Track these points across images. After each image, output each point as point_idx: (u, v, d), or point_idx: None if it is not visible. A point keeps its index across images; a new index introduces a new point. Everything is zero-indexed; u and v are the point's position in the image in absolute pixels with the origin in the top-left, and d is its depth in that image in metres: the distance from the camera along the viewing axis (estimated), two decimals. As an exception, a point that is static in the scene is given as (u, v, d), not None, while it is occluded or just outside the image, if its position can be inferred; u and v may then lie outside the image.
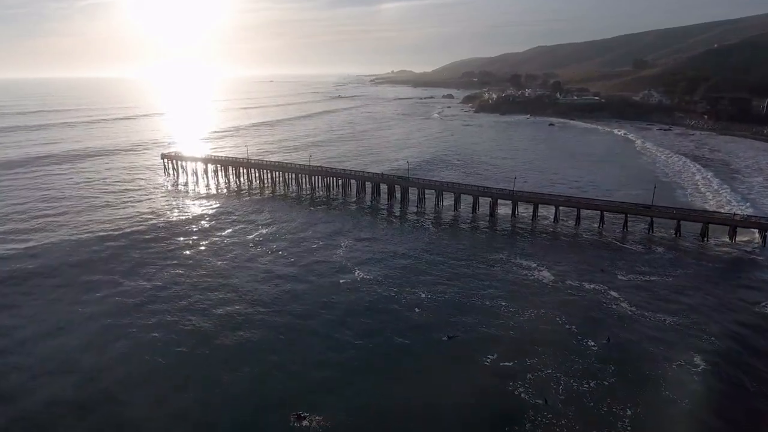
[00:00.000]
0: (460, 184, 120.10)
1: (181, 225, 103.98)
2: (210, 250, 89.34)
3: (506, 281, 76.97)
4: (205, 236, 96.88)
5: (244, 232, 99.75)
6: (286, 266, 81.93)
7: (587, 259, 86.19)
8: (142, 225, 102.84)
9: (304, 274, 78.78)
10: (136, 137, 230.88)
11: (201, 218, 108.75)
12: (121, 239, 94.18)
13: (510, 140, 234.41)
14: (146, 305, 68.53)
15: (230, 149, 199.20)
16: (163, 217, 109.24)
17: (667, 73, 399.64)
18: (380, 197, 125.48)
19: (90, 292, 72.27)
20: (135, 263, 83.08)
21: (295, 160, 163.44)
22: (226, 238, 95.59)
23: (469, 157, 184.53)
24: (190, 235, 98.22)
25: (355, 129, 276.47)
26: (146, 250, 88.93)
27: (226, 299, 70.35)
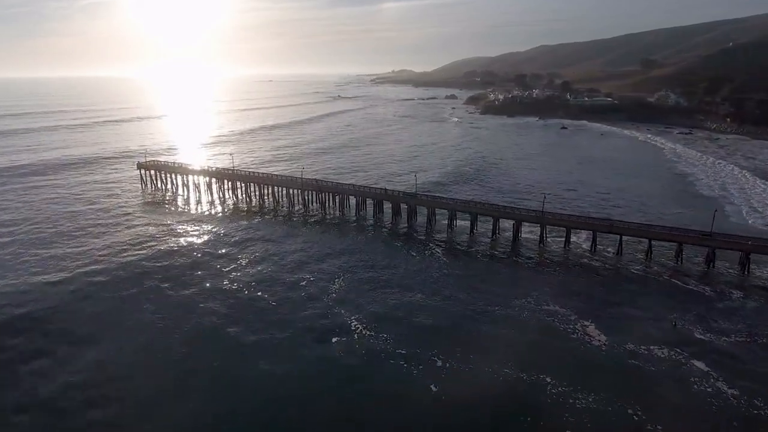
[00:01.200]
0: (476, 202, 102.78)
1: (139, 259, 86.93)
2: (162, 301, 71.90)
3: (541, 345, 59.68)
4: (161, 275, 79.17)
5: (217, 266, 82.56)
6: (261, 325, 63.40)
7: (644, 305, 69.12)
8: (94, 265, 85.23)
9: (285, 341, 59.71)
10: (121, 143, 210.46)
11: (166, 247, 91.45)
12: (69, 285, 77.09)
13: (522, 145, 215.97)
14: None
15: (222, 157, 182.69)
16: (123, 248, 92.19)
17: (682, 72, 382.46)
18: (383, 216, 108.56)
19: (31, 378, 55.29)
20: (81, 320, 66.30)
21: (290, 172, 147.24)
22: (192, 280, 76.95)
23: (481, 166, 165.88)
24: (141, 275, 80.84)
25: (357, 135, 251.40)
26: (92, 305, 72.10)
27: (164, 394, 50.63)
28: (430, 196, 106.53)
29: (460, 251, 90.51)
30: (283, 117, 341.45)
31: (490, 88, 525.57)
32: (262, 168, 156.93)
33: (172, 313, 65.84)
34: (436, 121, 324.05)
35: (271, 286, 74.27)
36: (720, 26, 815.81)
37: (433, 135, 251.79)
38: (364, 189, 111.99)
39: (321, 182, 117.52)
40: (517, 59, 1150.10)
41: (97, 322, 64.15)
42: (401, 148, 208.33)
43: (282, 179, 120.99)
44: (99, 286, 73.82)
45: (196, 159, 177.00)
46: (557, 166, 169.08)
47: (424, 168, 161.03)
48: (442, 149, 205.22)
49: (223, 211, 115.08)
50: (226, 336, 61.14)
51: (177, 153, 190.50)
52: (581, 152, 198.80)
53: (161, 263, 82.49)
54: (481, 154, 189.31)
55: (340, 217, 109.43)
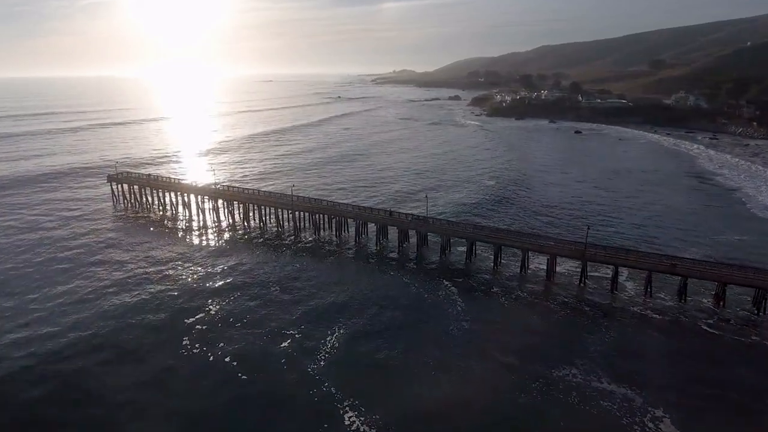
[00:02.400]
0: (500, 230, 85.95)
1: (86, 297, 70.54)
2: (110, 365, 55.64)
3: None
4: (117, 322, 63.08)
5: (182, 310, 66.23)
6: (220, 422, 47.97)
7: (728, 378, 52.65)
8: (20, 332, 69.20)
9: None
10: (105, 151, 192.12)
11: (111, 305, 75.16)
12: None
13: (537, 153, 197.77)
14: None
15: (208, 169, 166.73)
16: (63, 305, 75.81)
17: (697, 73, 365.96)
18: (388, 243, 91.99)
19: None
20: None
21: (282, 187, 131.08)
22: (143, 349, 60.32)
23: (500, 182, 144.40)
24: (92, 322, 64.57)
25: (360, 142, 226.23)
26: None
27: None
28: (445, 221, 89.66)
29: (481, 292, 73.76)
30: (280, 121, 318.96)
31: (496, 89, 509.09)
32: (251, 183, 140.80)
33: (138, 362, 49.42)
34: (442, 124, 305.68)
35: (241, 352, 57.51)
36: (726, 26, 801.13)
37: (442, 143, 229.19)
38: (365, 211, 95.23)
39: (315, 202, 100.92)
40: (520, 59, 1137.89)
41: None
42: (408, 158, 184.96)
43: (271, 197, 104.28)
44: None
45: (180, 170, 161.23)
46: (580, 179, 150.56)
47: (437, 184, 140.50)
48: (456, 160, 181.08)
49: (200, 235, 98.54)
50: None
51: (163, 162, 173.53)
52: (602, 160, 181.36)
53: (108, 326, 65.99)
54: (497, 167, 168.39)
55: (337, 244, 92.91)
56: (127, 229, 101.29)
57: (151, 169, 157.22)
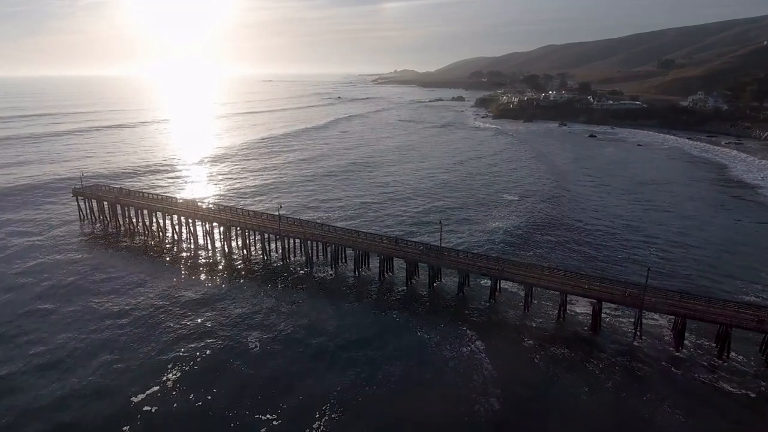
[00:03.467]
0: (533, 265, 70.78)
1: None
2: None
3: None
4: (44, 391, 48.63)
5: (132, 382, 51.71)
6: None
7: None
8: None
9: None
10: (84, 161, 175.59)
11: (64, 327, 60.61)
12: None
13: (553, 160, 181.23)
14: None
15: (191, 183, 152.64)
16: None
17: (713, 73, 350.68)
18: (394, 278, 77.27)
19: None
20: None
21: (272, 204, 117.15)
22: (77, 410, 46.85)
23: (524, 201, 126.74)
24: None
25: (363, 151, 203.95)
26: None
27: None
28: (463, 253, 74.66)
29: (511, 348, 59.01)
30: (278, 125, 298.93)
31: (501, 90, 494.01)
32: (240, 198, 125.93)
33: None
34: (449, 128, 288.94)
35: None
36: (732, 26, 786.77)
37: (451, 150, 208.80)
38: (367, 239, 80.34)
39: (307, 225, 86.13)
40: (523, 59, 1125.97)
41: None
42: (417, 170, 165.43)
43: (256, 219, 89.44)
44: None
45: (163, 182, 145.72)
46: (610, 192, 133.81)
47: (452, 204, 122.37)
48: (471, 172, 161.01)
49: (172, 263, 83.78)
50: None
51: (146, 173, 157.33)
52: (627, 169, 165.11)
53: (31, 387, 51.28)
54: (517, 178, 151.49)
55: (333, 278, 78.15)
56: (89, 257, 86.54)
57: (131, 181, 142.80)
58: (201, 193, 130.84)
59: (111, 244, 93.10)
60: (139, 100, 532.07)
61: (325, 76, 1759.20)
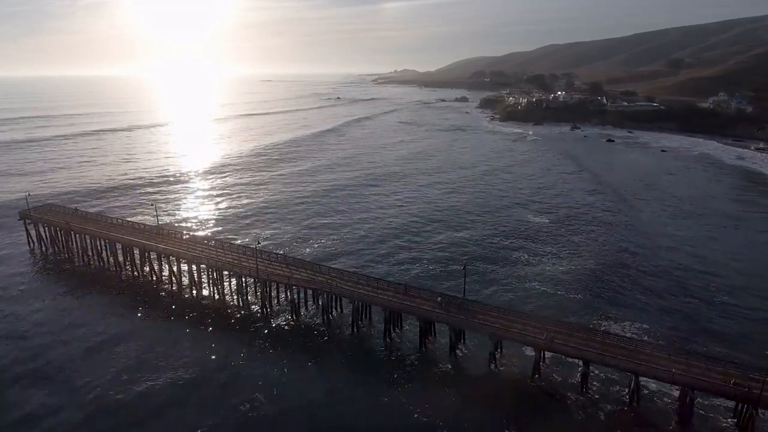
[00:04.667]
0: (589, 330, 53.60)
1: None
2: None
3: None
4: None
5: None
6: None
7: None
8: None
9: None
10: (50, 176, 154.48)
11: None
12: None
13: (575, 169, 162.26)
14: None
15: (166, 202, 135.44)
16: None
17: (731, 73, 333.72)
18: (403, 338, 60.43)
19: None
20: None
21: (253, 236, 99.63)
22: None
23: (555, 214, 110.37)
24: None
25: (367, 163, 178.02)
26: None
27: None
28: (493, 308, 57.50)
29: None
30: (276, 131, 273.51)
31: (505, 90, 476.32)
32: (218, 225, 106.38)
33: None
34: (459, 131, 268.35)
35: None
36: (736, 25, 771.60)
37: (470, 160, 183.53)
38: (369, 285, 63.21)
39: (293, 264, 69.23)
40: (525, 59, 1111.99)
41: None
42: (431, 187, 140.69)
43: (231, 255, 72.43)
44: None
45: (135, 202, 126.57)
46: (658, 216, 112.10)
47: (475, 235, 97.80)
48: (487, 190, 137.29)
49: (125, 306, 66.84)
50: None
51: (115, 190, 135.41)
52: (656, 184, 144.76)
53: None
54: (542, 194, 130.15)
55: (325, 335, 61.25)
56: (32, 293, 69.63)
57: (99, 200, 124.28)
58: (177, 215, 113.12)
59: (55, 281, 76.22)
60: (136, 102, 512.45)
61: (325, 76, 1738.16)
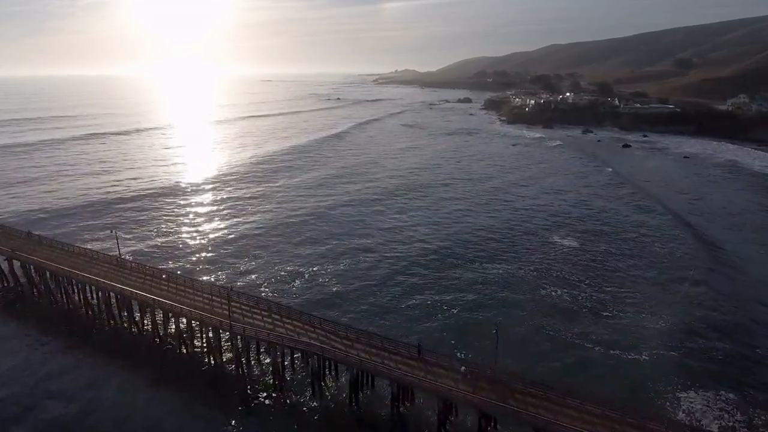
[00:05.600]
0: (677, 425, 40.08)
1: None
2: None
3: None
4: None
5: None
6: None
7: None
8: None
9: None
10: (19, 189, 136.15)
11: None
12: None
13: (600, 181, 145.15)
14: None
15: (150, 222, 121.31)
16: None
17: (755, 74, 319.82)
18: (414, 412, 47.12)
19: None
20: None
21: (242, 269, 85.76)
22: None
23: (585, 239, 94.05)
24: None
25: (371, 178, 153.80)
26: None
27: None
28: (530, 385, 43.71)
29: None
30: (274, 136, 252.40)
31: (510, 91, 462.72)
32: (191, 255, 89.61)
33: None
34: (468, 136, 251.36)
35: None
36: (739, 26, 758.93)
37: (489, 169, 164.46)
38: (372, 347, 49.72)
39: (277, 312, 55.90)
40: (526, 59, 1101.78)
41: None
42: (448, 204, 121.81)
43: (200, 300, 59.16)
44: None
45: (97, 223, 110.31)
46: (733, 249, 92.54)
47: (510, 273, 79.01)
48: (526, 211, 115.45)
49: (70, 354, 53.58)
50: None
51: (84, 208, 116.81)
52: (702, 197, 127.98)
53: None
54: (569, 214, 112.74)
55: (316, 415, 47.91)
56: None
57: (66, 221, 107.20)
58: (149, 240, 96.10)
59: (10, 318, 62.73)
60: (131, 103, 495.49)
61: (325, 76, 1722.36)
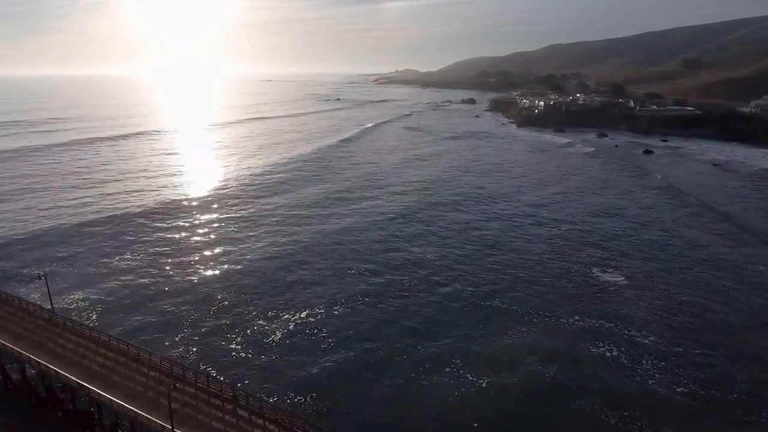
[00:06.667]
0: None
1: None
2: None
3: None
4: None
5: None
6: None
7: None
8: None
9: None
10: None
11: None
12: None
13: (669, 202, 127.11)
14: None
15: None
16: None
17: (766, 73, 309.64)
18: None
19: None
20: None
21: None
22: None
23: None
24: None
25: (385, 190, 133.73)
26: None
27: None
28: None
29: None
30: (269, 142, 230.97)
31: (516, 92, 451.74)
32: (139, 320, 67.60)
33: None
34: (475, 138, 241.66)
35: None
36: (741, 25, 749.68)
37: (503, 184, 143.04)
38: None
39: (251, 405, 44.92)
40: (528, 59, 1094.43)
41: None
42: (476, 241, 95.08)
43: (140, 385, 47.99)
44: None
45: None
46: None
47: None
48: (564, 241, 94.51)
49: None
50: None
51: (34, 241, 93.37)
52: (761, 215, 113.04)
53: None
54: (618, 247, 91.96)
55: None
56: None
57: (9, 252, 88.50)
58: (98, 285, 74.58)
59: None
60: (127, 104, 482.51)
61: (325, 75, 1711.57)
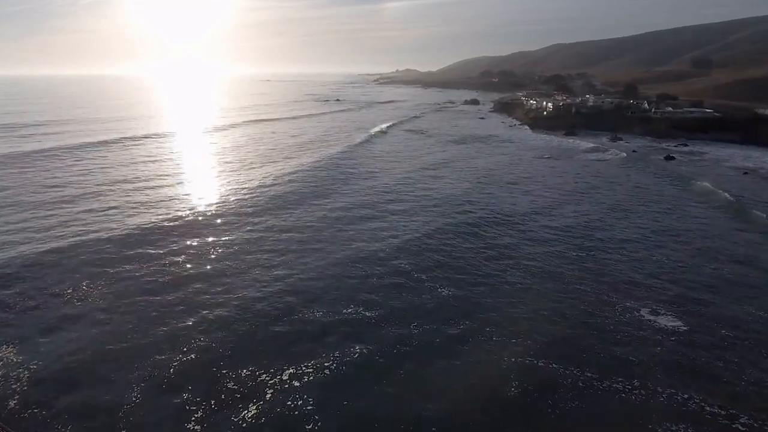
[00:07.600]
0: None
1: None
2: None
3: None
4: None
5: None
6: None
7: None
8: None
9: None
10: None
11: None
12: None
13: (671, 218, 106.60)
14: None
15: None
16: None
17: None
18: None
19: None
20: None
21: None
22: None
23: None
24: None
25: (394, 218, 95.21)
26: None
27: None
28: None
29: None
30: (263, 153, 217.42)
31: (521, 92, 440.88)
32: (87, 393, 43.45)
33: None
34: (484, 144, 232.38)
35: None
36: (744, 25, 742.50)
37: (526, 201, 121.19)
38: None
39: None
40: (530, 58, 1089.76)
41: None
42: (484, 284, 64.84)
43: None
44: None
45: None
46: None
47: None
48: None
49: None
50: None
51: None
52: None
53: None
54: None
55: None
56: None
57: None
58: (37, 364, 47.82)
59: None
60: (122, 105, 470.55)
61: (325, 75, 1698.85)
